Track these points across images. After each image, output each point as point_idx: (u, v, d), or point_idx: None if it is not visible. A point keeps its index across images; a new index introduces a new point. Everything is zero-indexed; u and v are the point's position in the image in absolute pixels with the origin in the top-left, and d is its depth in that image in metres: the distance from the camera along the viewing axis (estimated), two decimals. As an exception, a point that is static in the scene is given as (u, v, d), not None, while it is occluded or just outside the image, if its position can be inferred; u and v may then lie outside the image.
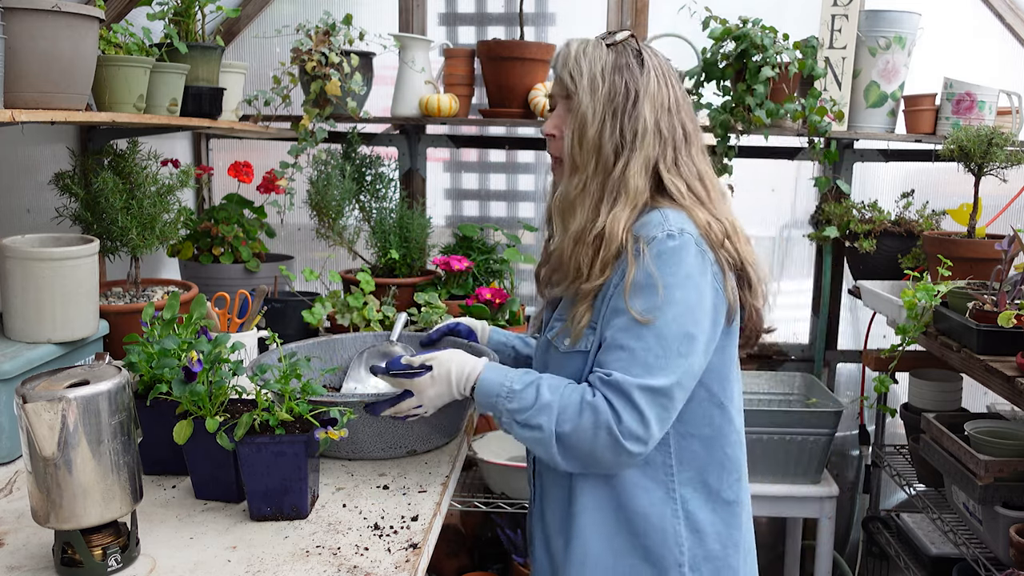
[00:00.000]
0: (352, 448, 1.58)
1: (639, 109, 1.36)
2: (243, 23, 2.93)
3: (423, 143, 2.97)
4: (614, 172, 1.36)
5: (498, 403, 1.36)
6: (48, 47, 1.50)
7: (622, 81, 1.37)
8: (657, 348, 1.28)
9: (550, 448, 1.31)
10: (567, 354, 1.40)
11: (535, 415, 1.31)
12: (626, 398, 1.27)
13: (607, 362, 1.31)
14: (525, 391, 1.34)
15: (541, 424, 1.31)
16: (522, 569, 2.60)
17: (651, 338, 1.28)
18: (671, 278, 1.30)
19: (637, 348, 1.28)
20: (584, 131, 1.37)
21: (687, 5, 2.54)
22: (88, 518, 1.14)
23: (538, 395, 1.32)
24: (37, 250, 1.64)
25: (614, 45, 1.39)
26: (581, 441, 1.29)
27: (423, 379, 1.42)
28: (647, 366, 1.28)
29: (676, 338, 1.29)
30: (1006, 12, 2.79)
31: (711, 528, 1.39)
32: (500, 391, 1.36)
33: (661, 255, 1.30)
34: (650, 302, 1.29)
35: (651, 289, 1.29)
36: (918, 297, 2.15)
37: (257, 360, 1.68)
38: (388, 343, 1.88)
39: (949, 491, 2.28)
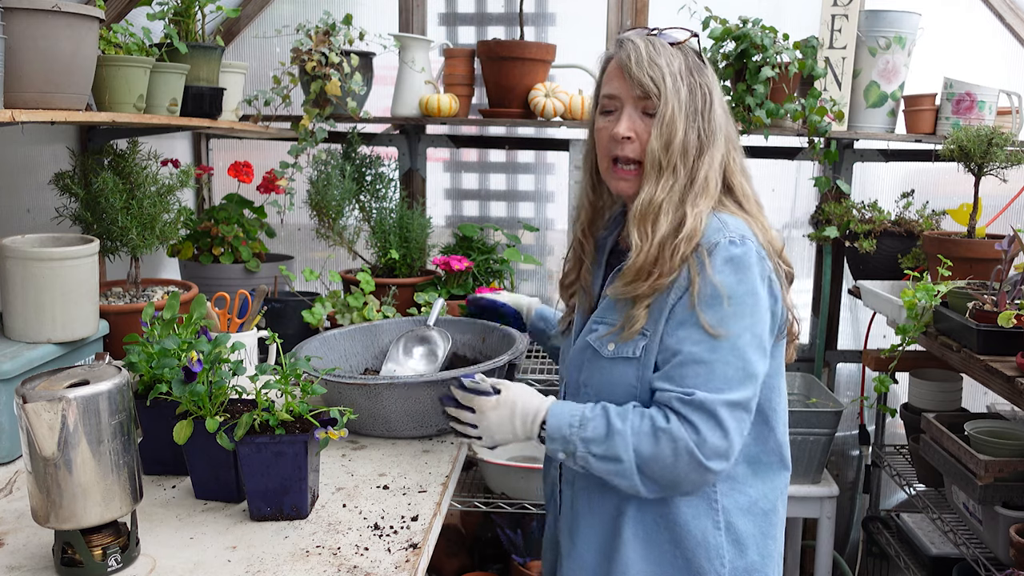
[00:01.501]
0: (386, 427, 1.67)
1: (714, 109, 1.37)
2: (243, 23, 2.93)
3: (423, 143, 2.97)
4: (697, 173, 1.35)
5: (571, 434, 1.32)
6: (48, 47, 1.50)
7: (696, 82, 1.36)
8: (734, 360, 1.27)
9: (632, 479, 1.29)
10: (612, 360, 1.37)
11: (611, 445, 1.28)
12: (710, 415, 1.25)
13: (682, 377, 1.28)
14: (596, 419, 1.31)
15: (619, 455, 1.28)
16: (522, 569, 2.60)
17: (727, 350, 1.27)
18: (740, 287, 1.29)
19: (714, 361, 1.27)
20: (672, 133, 1.33)
21: (687, 5, 2.54)
22: (88, 518, 1.14)
23: (609, 422, 1.29)
24: (37, 250, 1.64)
25: (678, 45, 1.38)
26: (663, 468, 1.27)
27: (488, 400, 1.39)
28: (727, 379, 1.26)
29: (750, 348, 1.28)
30: (1006, 12, 2.79)
31: (751, 540, 1.38)
32: (572, 420, 1.32)
33: (728, 263, 1.29)
34: (722, 313, 1.27)
35: (721, 299, 1.28)
36: (918, 297, 2.15)
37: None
38: (425, 327, 1.97)
39: (949, 491, 2.28)
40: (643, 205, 1.35)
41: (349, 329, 1.97)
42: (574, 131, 2.87)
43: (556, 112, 2.62)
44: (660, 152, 1.34)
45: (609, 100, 1.41)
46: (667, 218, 1.33)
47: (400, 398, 1.62)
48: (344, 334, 1.95)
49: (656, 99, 1.34)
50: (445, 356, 1.91)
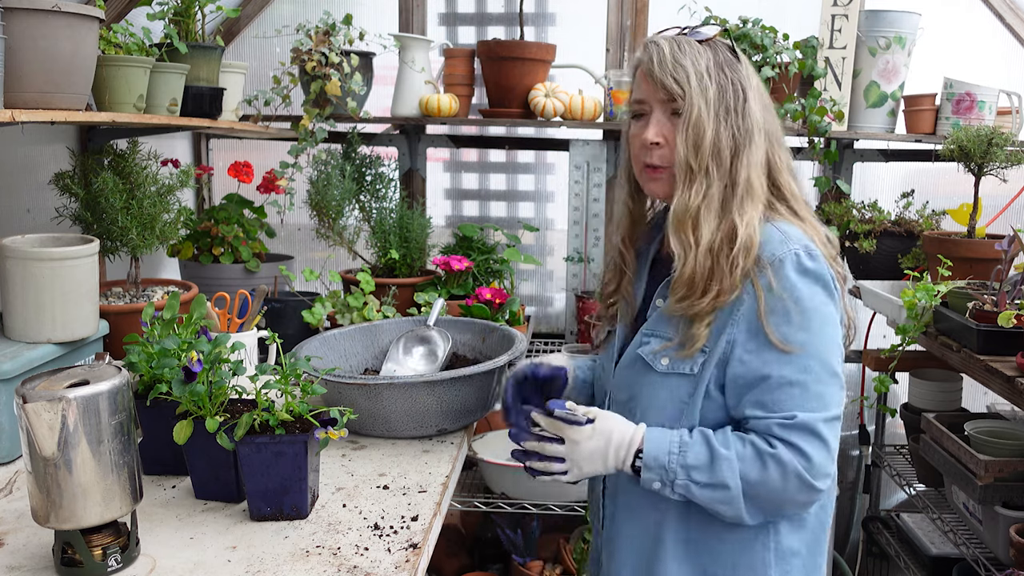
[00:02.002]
0: (386, 427, 1.66)
1: (749, 106, 1.31)
2: (243, 23, 2.93)
3: (423, 143, 2.97)
4: (737, 175, 1.30)
5: (671, 462, 1.26)
6: (48, 47, 1.50)
7: (728, 79, 1.31)
8: (825, 376, 1.24)
9: (738, 506, 1.25)
10: (665, 375, 1.33)
11: (717, 472, 1.23)
12: (815, 436, 1.22)
13: (776, 402, 1.24)
14: (696, 445, 1.25)
15: (727, 482, 1.23)
16: (522, 569, 2.60)
17: (817, 367, 1.24)
18: (816, 300, 1.26)
19: (808, 380, 1.24)
20: (701, 135, 1.29)
21: (687, 5, 2.54)
22: (88, 518, 1.14)
23: (712, 448, 1.25)
24: (37, 250, 1.64)
25: (707, 42, 1.33)
26: (771, 493, 1.23)
27: (584, 429, 1.30)
28: (821, 397, 1.24)
29: (834, 358, 1.26)
30: (1006, 12, 2.79)
31: (797, 558, 1.35)
32: (671, 447, 1.26)
33: (802, 277, 1.26)
34: (804, 330, 1.24)
35: (801, 316, 1.24)
36: (918, 297, 2.15)
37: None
38: (425, 327, 1.97)
39: (949, 491, 2.28)
40: (679, 211, 1.31)
41: (349, 329, 1.97)
42: (574, 131, 2.87)
43: (556, 112, 2.62)
44: (689, 154, 1.29)
45: (638, 105, 1.37)
46: (708, 225, 1.29)
47: (400, 398, 1.62)
48: (344, 334, 1.95)
49: (681, 100, 1.30)
50: (445, 356, 1.91)
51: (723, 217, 1.29)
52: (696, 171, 1.29)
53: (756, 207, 1.30)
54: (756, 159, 1.31)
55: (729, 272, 1.27)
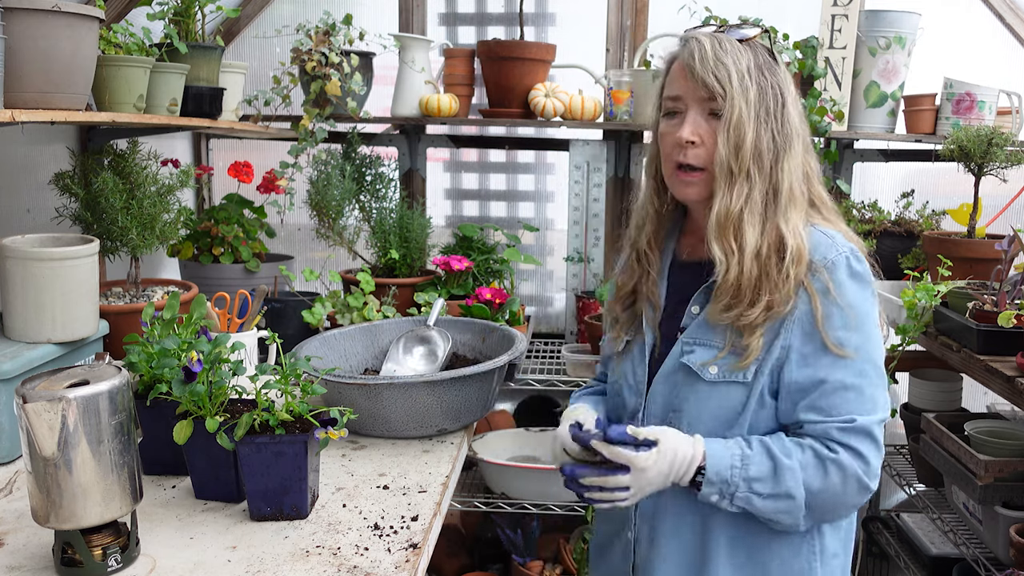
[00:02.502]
0: (386, 427, 1.66)
1: (787, 110, 1.29)
2: (243, 23, 2.93)
3: (423, 143, 2.97)
4: (778, 180, 1.28)
5: (733, 475, 1.23)
6: (48, 47, 1.50)
7: (768, 82, 1.28)
8: (877, 379, 1.25)
9: (798, 514, 1.24)
10: (714, 384, 1.29)
11: (781, 483, 1.22)
12: (871, 439, 1.23)
13: (834, 406, 1.23)
14: (757, 456, 1.23)
15: (791, 492, 1.22)
16: (522, 569, 2.60)
17: (871, 371, 1.25)
18: (867, 303, 1.26)
19: (863, 384, 1.24)
20: (742, 137, 1.25)
21: (687, 5, 2.54)
22: (88, 518, 1.14)
23: (774, 458, 1.23)
24: (37, 250, 1.64)
25: (747, 42, 1.30)
26: (830, 498, 1.23)
27: (648, 455, 1.23)
28: (874, 400, 1.25)
29: (882, 359, 1.27)
30: (1006, 12, 2.79)
31: (837, 560, 1.36)
32: (733, 460, 1.23)
33: (853, 280, 1.26)
34: (858, 333, 1.24)
35: (856, 320, 1.24)
36: (918, 297, 2.15)
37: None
38: (425, 327, 1.97)
39: (949, 491, 2.28)
40: (720, 215, 1.27)
41: (349, 329, 1.97)
42: (574, 131, 2.87)
43: (556, 112, 2.62)
44: (730, 156, 1.26)
45: (672, 102, 1.32)
46: (753, 229, 1.26)
47: (400, 398, 1.62)
48: (344, 334, 1.95)
49: (722, 100, 1.26)
50: (445, 356, 1.91)
51: (766, 223, 1.27)
52: (737, 174, 1.26)
53: (800, 214, 1.29)
54: (795, 165, 1.29)
55: (782, 283, 1.25)
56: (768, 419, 1.30)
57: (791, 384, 1.26)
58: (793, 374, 1.26)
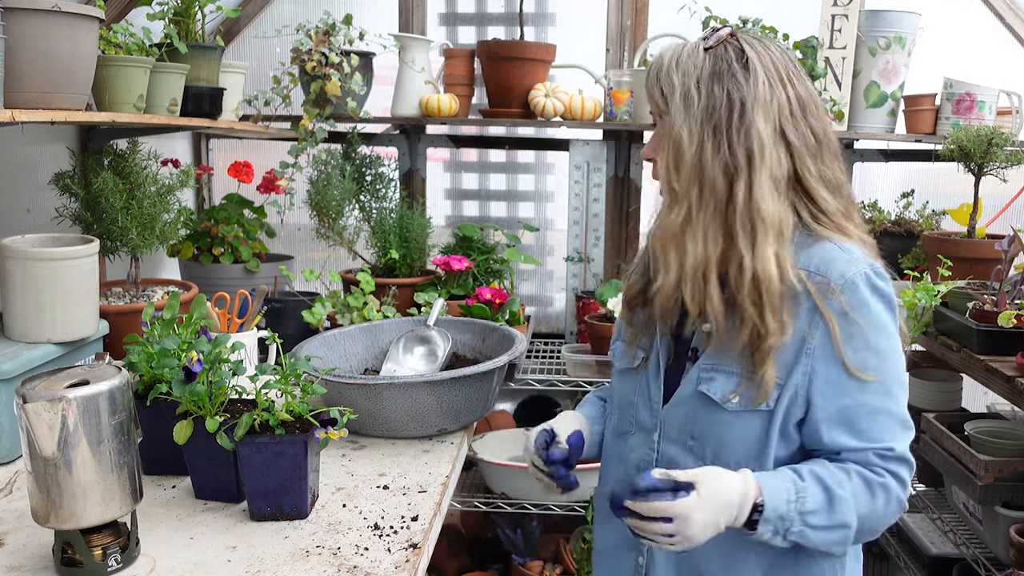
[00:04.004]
0: (386, 427, 1.66)
1: (748, 120, 1.19)
2: (243, 23, 2.93)
3: (423, 143, 2.97)
4: (735, 199, 1.19)
5: (790, 511, 1.16)
6: (48, 47, 1.50)
7: (723, 91, 1.20)
8: (902, 395, 1.23)
9: (847, 543, 1.21)
10: (737, 413, 1.23)
11: (837, 514, 1.17)
12: (907, 463, 1.22)
13: (867, 431, 1.20)
14: (812, 488, 1.18)
15: (847, 522, 1.18)
16: (522, 569, 2.60)
17: (897, 389, 1.22)
18: (891, 323, 1.22)
19: (892, 405, 1.21)
20: (680, 154, 1.21)
21: (687, 5, 2.54)
22: (88, 518, 1.14)
23: (828, 489, 1.17)
24: (37, 250, 1.64)
25: (713, 49, 1.22)
26: (875, 522, 1.21)
27: (688, 501, 1.13)
28: (904, 420, 1.23)
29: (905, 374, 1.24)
30: (1006, 12, 2.79)
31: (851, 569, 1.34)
32: (789, 496, 1.17)
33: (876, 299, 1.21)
34: (882, 354, 1.20)
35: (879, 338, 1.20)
36: (918, 297, 2.15)
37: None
38: (425, 327, 1.97)
39: (949, 491, 2.28)
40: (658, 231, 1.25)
41: (349, 329, 1.97)
42: (574, 131, 2.87)
43: (556, 112, 2.62)
44: (670, 174, 1.23)
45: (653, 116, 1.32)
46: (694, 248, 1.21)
47: (400, 398, 1.62)
48: (344, 334, 1.96)
49: (665, 115, 1.23)
50: (445, 356, 1.91)
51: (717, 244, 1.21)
52: (677, 192, 1.22)
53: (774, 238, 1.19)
54: (765, 180, 1.19)
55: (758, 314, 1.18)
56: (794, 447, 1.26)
57: (819, 411, 1.21)
58: (820, 400, 1.21)
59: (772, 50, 1.24)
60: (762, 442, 1.24)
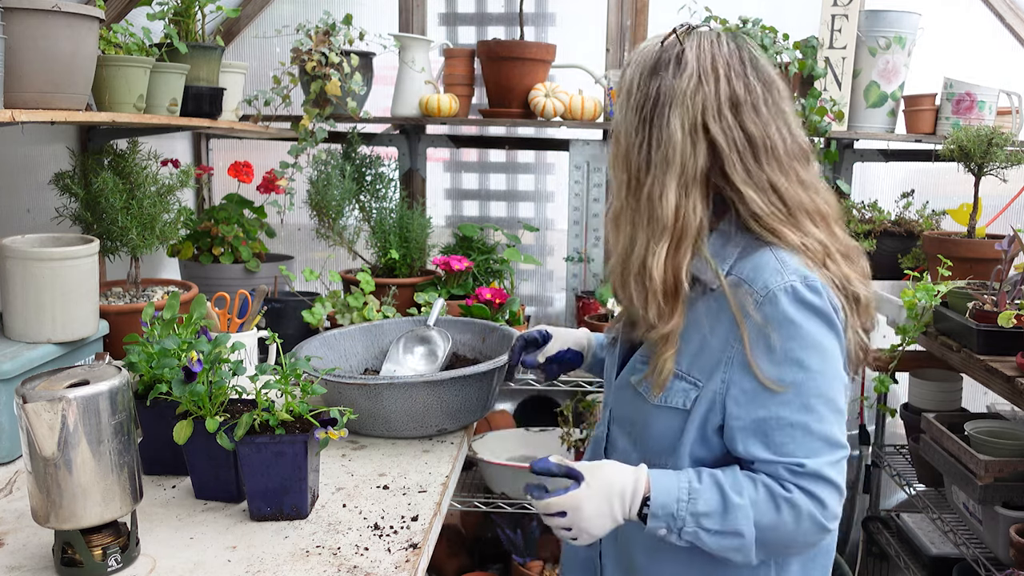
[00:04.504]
0: (386, 427, 1.67)
1: (664, 117, 1.18)
2: (243, 23, 2.93)
3: (423, 143, 2.97)
4: (642, 194, 1.21)
5: (680, 509, 1.16)
6: (48, 47, 1.50)
7: (654, 86, 1.19)
8: (829, 415, 1.16)
9: (749, 552, 1.17)
10: (658, 408, 1.25)
11: (731, 520, 1.15)
12: (824, 481, 1.15)
13: (780, 444, 1.16)
14: (707, 491, 1.17)
15: (741, 530, 1.15)
16: (522, 569, 2.60)
17: (819, 406, 1.16)
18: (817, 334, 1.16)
19: (813, 425, 1.16)
20: (618, 145, 1.25)
21: (687, 5, 2.54)
22: (88, 518, 1.14)
23: (724, 495, 1.16)
24: (37, 250, 1.64)
25: (663, 42, 1.22)
26: (782, 536, 1.17)
27: (577, 493, 1.18)
28: (827, 438, 1.16)
29: (838, 396, 1.18)
30: (1006, 12, 2.79)
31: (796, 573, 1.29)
32: (680, 494, 1.17)
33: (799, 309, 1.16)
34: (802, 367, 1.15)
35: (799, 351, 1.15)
36: (918, 297, 2.15)
37: None
38: (425, 327, 1.97)
39: (949, 491, 2.28)
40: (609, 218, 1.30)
41: (349, 329, 1.98)
42: (574, 131, 2.87)
43: (556, 112, 2.62)
44: (612, 164, 1.27)
45: None
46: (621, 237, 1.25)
47: (400, 398, 1.62)
48: (344, 334, 1.96)
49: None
50: (445, 356, 1.91)
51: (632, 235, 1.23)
52: (614, 182, 1.26)
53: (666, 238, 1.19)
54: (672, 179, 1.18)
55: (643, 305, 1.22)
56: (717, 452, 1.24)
57: (734, 420, 1.20)
58: (735, 409, 1.19)
59: (722, 47, 1.21)
60: (677, 440, 1.24)
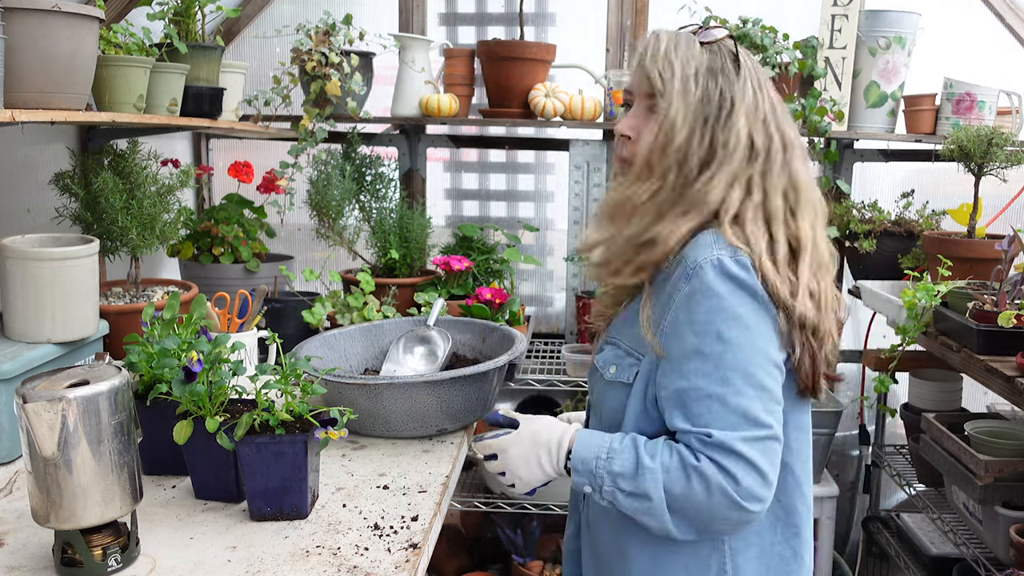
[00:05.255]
0: (386, 427, 1.66)
1: (734, 120, 1.24)
2: (243, 23, 2.93)
3: (423, 143, 2.97)
4: (695, 184, 1.23)
5: (598, 467, 1.22)
6: (48, 47, 1.50)
7: (717, 87, 1.24)
8: (747, 390, 1.16)
9: (662, 519, 1.19)
10: (611, 384, 1.31)
11: (640, 482, 1.18)
12: (735, 455, 1.14)
13: (696, 415, 1.17)
14: (624, 452, 1.21)
15: (648, 492, 1.18)
16: (522, 569, 2.60)
17: (738, 380, 1.16)
18: (742, 307, 1.17)
19: (729, 397, 1.15)
20: (671, 137, 1.23)
21: (687, 5, 2.54)
22: (88, 518, 1.14)
23: (638, 457, 1.20)
24: (37, 250, 1.64)
25: (709, 44, 1.27)
26: (696, 508, 1.17)
27: (506, 438, 1.33)
28: (744, 413, 1.15)
29: (761, 373, 1.17)
30: (1006, 12, 2.79)
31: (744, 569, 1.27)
32: (599, 452, 1.23)
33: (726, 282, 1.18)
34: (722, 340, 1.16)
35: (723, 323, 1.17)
36: (918, 297, 2.15)
37: None
38: (425, 327, 1.97)
39: (949, 491, 2.28)
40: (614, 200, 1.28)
41: (349, 329, 1.98)
42: (574, 131, 2.87)
43: (556, 112, 2.62)
44: (653, 153, 1.25)
45: (627, 95, 1.34)
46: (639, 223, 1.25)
47: (400, 398, 1.62)
48: (344, 334, 1.96)
49: (660, 97, 1.25)
50: (445, 356, 1.91)
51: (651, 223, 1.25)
52: (653, 171, 1.25)
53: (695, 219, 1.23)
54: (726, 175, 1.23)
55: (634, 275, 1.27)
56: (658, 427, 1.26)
57: (662, 390, 1.23)
58: (661, 380, 1.22)
59: (752, 58, 1.31)
60: (620, 415, 1.30)
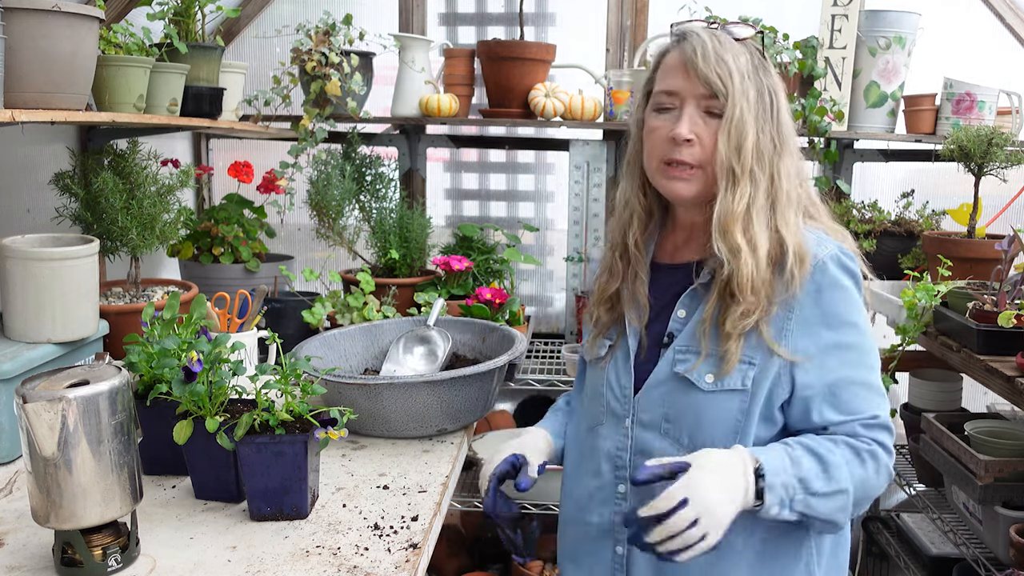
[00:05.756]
0: (386, 427, 1.67)
1: (781, 111, 1.29)
2: (243, 23, 2.93)
3: (423, 143, 2.97)
4: (778, 181, 1.27)
5: (789, 477, 1.17)
6: (48, 47, 1.50)
7: (763, 82, 1.27)
8: (878, 369, 1.28)
9: (847, 510, 1.22)
10: (712, 393, 1.25)
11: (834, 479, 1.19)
12: (889, 429, 1.26)
13: (851, 403, 1.24)
14: (804, 456, 1.20)
15: (844, 487, 1.20)
16: (522, 569, 2.60)
17: (874, 362, 1.27)
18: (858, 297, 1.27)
19: (871, 378, 1.26)
20: (744, 138, 1.23)
21: (687, 5, 2.53)
22: (88, 518, 1.14)
23: (818, 455, 1.20)
24: (37, 250, 1.64)
25: (742, 41, 1.28)
26: (867, 490, 1.24)
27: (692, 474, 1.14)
28: (881, 390, 1.27)
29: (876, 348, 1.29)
30: (1006, 12, 2.79)
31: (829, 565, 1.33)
32: (785, 462, 1.18)
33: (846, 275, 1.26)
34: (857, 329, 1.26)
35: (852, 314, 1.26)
36: (918, 297, 2.15)
37: None
38: (425, 327, 1.97)
39: (949, 491, 2.28)
40: (724, 215, 1.24)
41: (349, 329, 1.98)
42: (574, 131, 2.87)
43: (556, 112, 2.62)
44: (732, 156, 1.23)
45: (668, 97, 1.28)
46: (760, 230, 1.24)
47: (400, 398, 1.62)
48: (344, 334, 1.96)
49: (723, 98, 1.23)
50: (445, 356, 1.91)
51: (770, 224, 1.26)
52: (740, 175, 1.24)
53: (796, 214, 1.28)
54: (790, 166, 1.29)
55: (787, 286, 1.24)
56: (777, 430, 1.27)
57: (807, 390, 1.25)
58: (804, 379, 1.24)
59: None
60: (739, 422, 1.25)
